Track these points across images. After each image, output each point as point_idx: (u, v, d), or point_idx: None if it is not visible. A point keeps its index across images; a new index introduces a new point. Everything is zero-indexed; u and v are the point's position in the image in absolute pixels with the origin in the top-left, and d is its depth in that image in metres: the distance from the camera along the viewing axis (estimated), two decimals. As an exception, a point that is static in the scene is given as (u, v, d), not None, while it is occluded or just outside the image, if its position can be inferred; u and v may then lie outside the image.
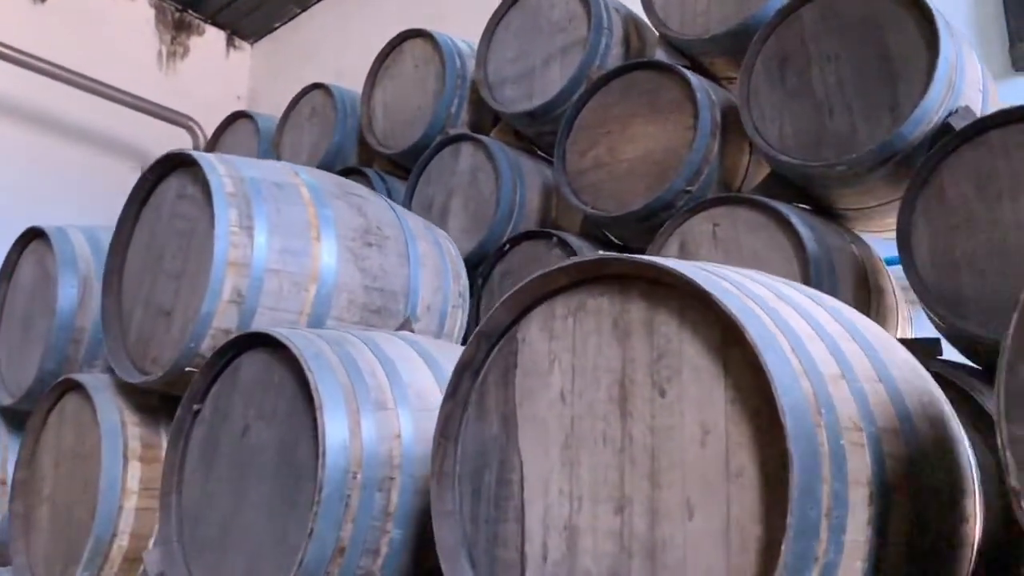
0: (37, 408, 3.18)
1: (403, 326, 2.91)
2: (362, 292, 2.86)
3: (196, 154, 2.77)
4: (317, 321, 2.76)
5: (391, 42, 4.80)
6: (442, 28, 4.77)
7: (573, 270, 1.77)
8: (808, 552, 1.36)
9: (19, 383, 3.49)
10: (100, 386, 2.96)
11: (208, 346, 2.62)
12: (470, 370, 1.92)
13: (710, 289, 1.50)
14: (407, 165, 4.57)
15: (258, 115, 5.54)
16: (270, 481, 2.27)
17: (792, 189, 3.33)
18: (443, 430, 1.91)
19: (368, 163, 4.90)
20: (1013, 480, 1.17)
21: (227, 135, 5.68)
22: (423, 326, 3.06)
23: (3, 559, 3.32)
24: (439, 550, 1.84)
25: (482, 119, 4.51)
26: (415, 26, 4.83)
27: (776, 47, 3.30)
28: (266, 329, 2.34)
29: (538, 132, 4.23)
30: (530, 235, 3.86)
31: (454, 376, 1.92)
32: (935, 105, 2.89)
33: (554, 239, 3.73)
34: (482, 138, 4.16)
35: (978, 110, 3.04)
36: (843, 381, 1.53)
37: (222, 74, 8.81)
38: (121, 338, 2.95)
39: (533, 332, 1.86)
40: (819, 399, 1.45)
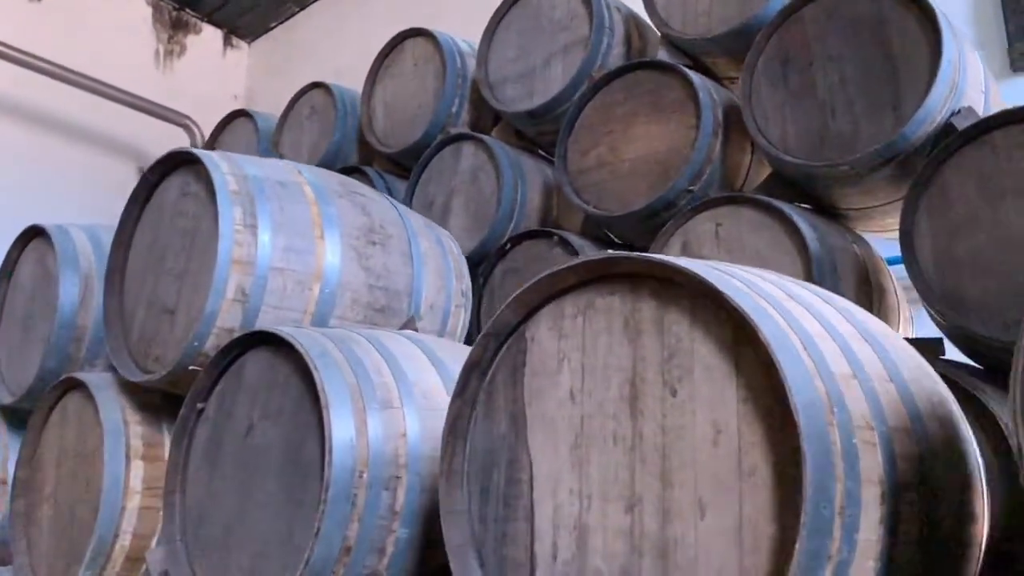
0: (39, 407, 3.17)
1: (407, 325, 2.90)
2: (366, 291, 2.85)
3: (199, 152, 2.76)
4: (321, 320, 2.75)
5: (391, 41, 4.78)
6: (439, 27, 4.76)
7: (583, 269, 1.77)
8: (821, 551, 1.36)
9: (20, 382, 3.47)
10: (102, 385, 2.95)
11: (212, 345, 2.61)
12: (478, 369, 1.91)
13: (723, 288, 1.50)
14: (407, 164, 4.56)
15: (257, 114, 5.52)
16: (275, 480, 2.27)
17: (794, 189, 3.33)
18: (452, 429, 1.90)
19: (368, 162, 4.89)
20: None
21: (226, 134, 5.65)
22: (426, 325, 3.05)
23: (3, 558, 3.30)
24: (448, 549, 1.83)
25: (482, 118, 4.51)
26: (412, 25, 4.82)
27: (778, 47, 3.30)
28: (271, 328, 2.33)
29: (539, 131, 4.22)
30: (531, 234, 3.86)
31: (462, 375, 1.91)
32: (938, 105, 2.89)
33: (555, 238, 3.73)
34: (483, 137, 4.15)
35: (980, 110, 3.05)
36: (855, 380, 1.53)
37: (219, 73, 8.80)
38: (123, 337, 2.94)
39: (542, 331, 1.85)
40: (831, 398, 1.45)
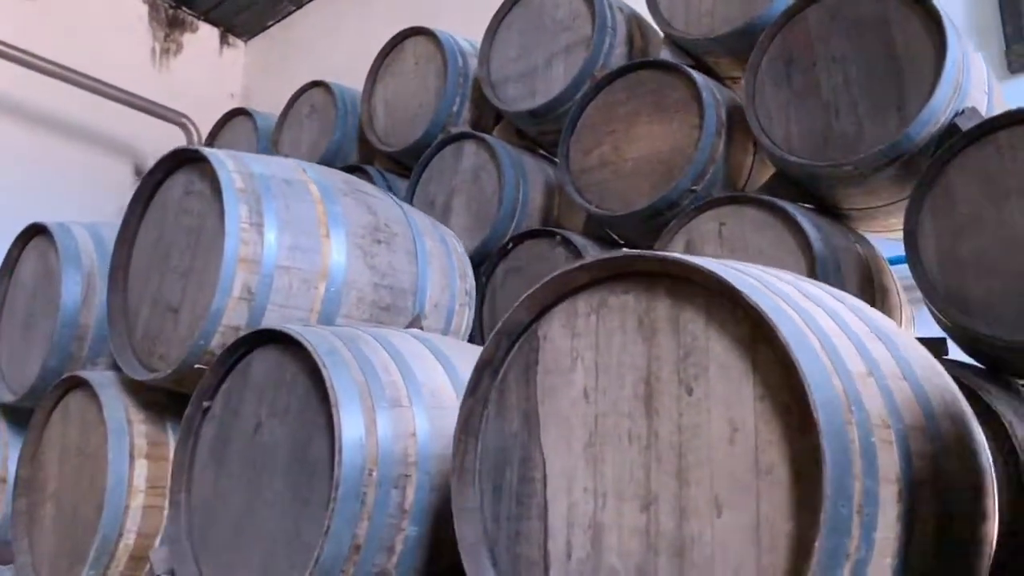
0: (41, 405, 3.15)
1: (413, 323, 2.90)
2: (371, 290, 2.85)
3: (205, 150, 2.75)
4: (327, 319, 2.74)
5: (392, 40, 4.77)
6: (438, 26, 4.75)
7: (597, 267, 1.77)
8: (840, 549, 1.36)
9: (21, 380, 3.45)
10: (105, 383, 2.93)
11: (217, 343, 2.60)
12: (490, 368, 1.91)
13: (740, 286, 1.50)
14: (408, 163, 4.55)
15: (256, 112, 5.51)
16: (283, 478, 2.26)
17: (797, 189, 3.33)
18: (464, 427, 1.90)
19: (368, 161, 4.87)
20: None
21: (225, 132, 5.63)
22: (430, 324, 3.05)
23: (4, 558, 3.29)
24: (461, 547, 1.83)
25: (483, 117, 4.50)
26: (410, 24, 4.81)
27: (782, 47, 3.31)
28: (279, 326, 2.33)
29: (540, 131, 4.22)
30: (533, 234, 3.85)
31: (474, 374, 1.91)
32: (942, 106, 2.90)
33: (558, 238, 3.73)
34: (485, 136, 4.15)
35: (983, 111, 3.06)
36: (871, 379, 1.53)
37: (215, 72, 8.78)
38: (127, 335, 2.93)
39: (554, 329, 1.85)
40: (849, 396, 1.45)
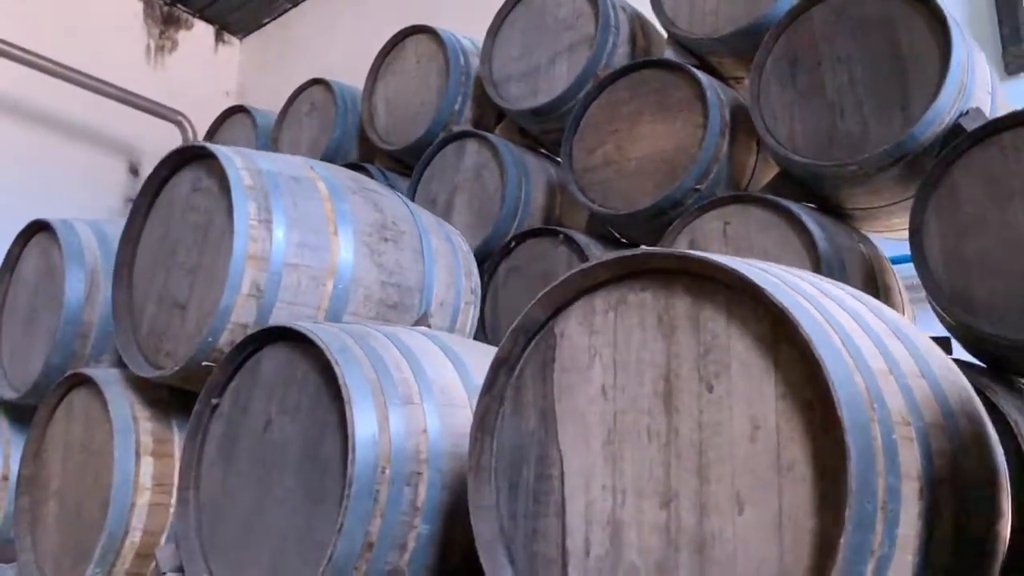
0: (44, 402, 3.13)
1: (420, 321, 2.89)
2: (378, 287, 2.84)
3: (213, 146, 2.74)
4: (334, 316, 2.74)
5: (394, 38, 4.76)
6: (436, 25, 4.74)
7: (615, 265, 1.77)
8: (864, 545, 1.37)
9: (23, 378, 3.44)
10: (110, 380, 2.92)
11: (226, 340, 2.59)
12: (506, 365, 1.91)
13: (762, 284, 1.50)
14: (409, 161, 4.55)
15: (255, 110, 5.49)
16: (294, 476, 2.26)
17: (800, 188, 3.35)
18: (480, 424, 1.90)
19: (368, 159, 4.86)
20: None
21: (224, 129, 5.61)
22: (436, 322, 3.05)
23: (7, 556, 3.27)
24: (478, 544, 1.82)
25: (485, 116, 4.50)
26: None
27: (787, 47, 3.32)
28: (290, 323, 2.32)
29: (542, 130, 4.22)
30: (536, 232, 3.86)
31: (491, 371, 1.91)
32: (947, 106, 2.91)
33: (560, 236, 3.73)
34: (487, 135, 4.15)
35: (987, 111, 3.07)
36: (891, 376, 1.54)
37: (211, 69, 8.76)
38: (132, 332, 2.91)
39: (571, 327, 1.85)
40: (871, 394, 1.46)
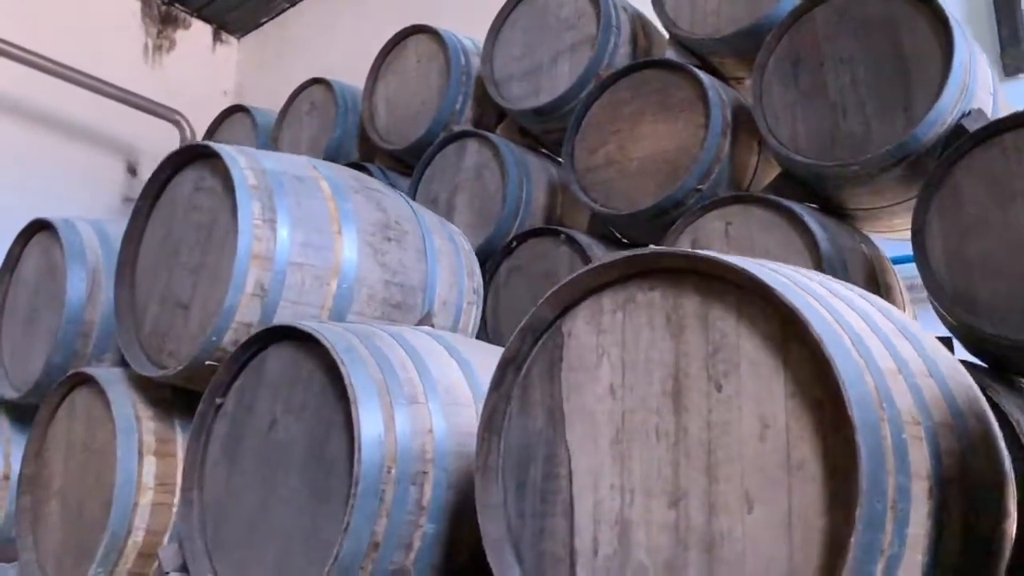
0: (46, 402, 3.12)
1: (423, 321, 2.89)
2: (382, 287, 2.84)
3: (217, 145, 2.73)
4: (338, 315, 2.74)
5: (394, 37, 4.76)
6: (436, 25, 4.74)
7: (623, 264, 1.77)
8: (875, 545, 1.37)
9: (24, 377, 3.43)
10: (113, 380, 2.91)
11: (229, 340, 2.59)
12: (514, 364, 1.91)
13: (773, 284, 1.51)
14: (409, 161, 4.55)
15: (255, 109, 5.49)
16: (299, 476, 2.25)
17: (802, 188, 3.35)
18: (487, 423, 1.90)
19: (369, 158, 4.86)
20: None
21: (223, 129, 5.61)
22: (439, 322, 3.05)
23: (6, 555, 3.26)
24: (485, 543, 1.82)
25: (486, 116, 4.50)
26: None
27: (789, 47, 3.32)
28: (296, 323, 2.32)
29: (543, 129, 4.22)
30: (537, 232, 3.86)
31: (498, 370, 1.91)
32: (949, 107, 2.92)
33: (562, 236, 3.73)
34: (488, 135, 4.15)
35: (989, 112, 3.08)
36: (900, 376, 1.55)
37: (208, 69, 8.74)
38: (135, 331, 2.91)
39: (579, 326, 1.85)
40: (881, 393, 1.46)
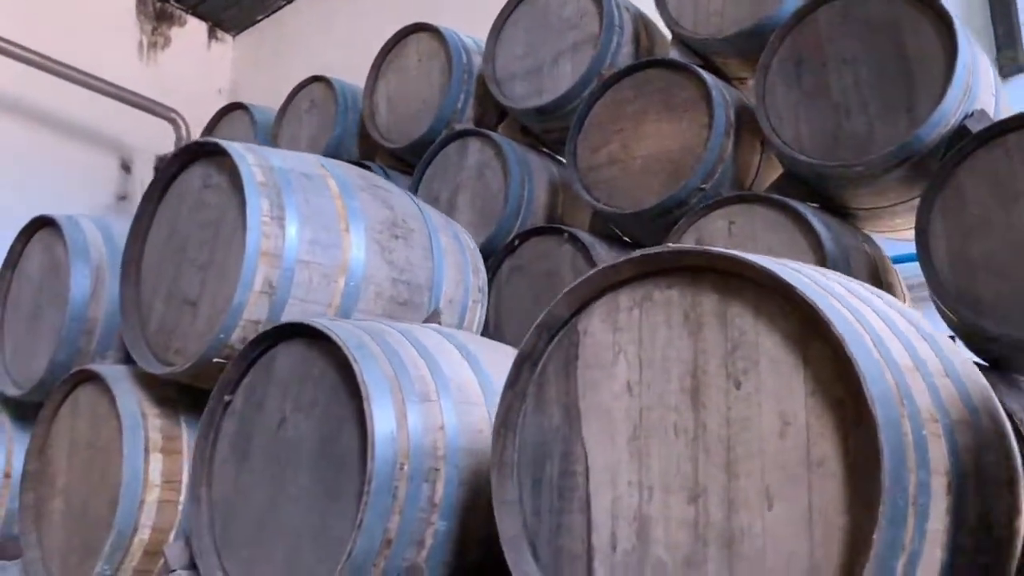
0: (50, 399, 3.11)
1: (431, 318, 2.90)
2: (389, 285, 2.84)
3: (225, 143, 2.73)
4: (345, 313, 2.74)
5: (396, 36, 4.75)
6: (436, 23, 4.73)
7: (640, 262, 1.78)
8: (897, 541, 1.38)
9: (27, 375, 3.41)
10: (118, 377, 2.90)
11: (237, 337, 2.59)
12: (530, 361, 1.92)
13: (794, 282, 1.52)
14: (410, 159, 4.55)
15: (253, 107, 5.47)
16: (309, 473, 2.25)
17: (805, 188, 3.37)
18: (503, 420, 1.90)
19: (369, 157, 4.86)
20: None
21: (222, 126, 5.59)
22: (445, 319, 3.05)
23: (9, 553, 3.25)
24: (502, 540, 1.83)
25: (487, 115, 4.50)
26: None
27: (792, 48, 3.34)
28: (307, 320, 2.32)
29: (545, 128, 4.23)
30: (540, 231, 3.86)
31: (513, 368, 1.91)
32: (952, 108, 2.94)
33: (565, 235, 3.73)
34: (490, 133, 4.15)
35: (991, 113, 3.10)
36: (918, 374, 1.56)
37: (203, 66, 8.72)
38: (140, 328, 2.90)
39: (595, 324, 1.86)
40: (901, 391, 1.47)
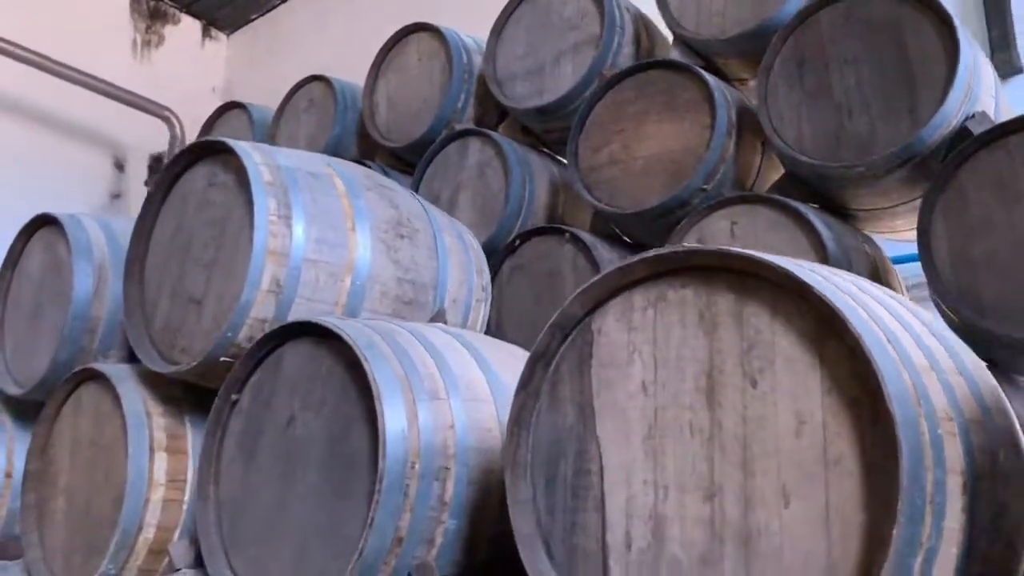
0: (52, 398, 3.09)
1: (436, 317, 2.90)
2: (394, 284, 2.85)
3: (231, 141, 2.73)
4: (351, 312, 2.74)
5: (396, 35, 4.75)
6: (435, 22, 4.73)
7: (654, 261, 1.78)
8: (915, 538, 1.39)
9: (28, 374, 3.39)
10: (122, 376, 2.89)
11: (244, 336, 2.59)
12: (543, 360, 1.92)
13: (811, 282, 1.53)
14: (410, 159, 4.55)
15: (251, 106, 5.46)
16: (318, 472, 2.26)
17: (806, 188, 3.38)
18: (516, 419, 1.91)
19: (368, 156, 4.85)
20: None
21: (219, 125, 5.58)
22: (449, 319, 3.05)
23: (10, 552, 3.24)
24: (517, 539, 1.83)
25: (487, 115, 4.50)
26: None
27: (794, 48, 3.35)
28: (316, 319, 2.32)
29: (545, 128, 4.24)
30: (541, 231, 3.86)
31: (527, 366, 1.92)
32: (954, 109, 2.95)
33: (567, 235, 3.74)
34: (491, 133, 4.16)
35: (992, 115, 3.12)
36: (932, 373, 1.57)
37: (197, 65, 8.69)
38: (145, 327, 2.90)
39: (609, 323, 1.87)
40: (917, 390, 1.49)
